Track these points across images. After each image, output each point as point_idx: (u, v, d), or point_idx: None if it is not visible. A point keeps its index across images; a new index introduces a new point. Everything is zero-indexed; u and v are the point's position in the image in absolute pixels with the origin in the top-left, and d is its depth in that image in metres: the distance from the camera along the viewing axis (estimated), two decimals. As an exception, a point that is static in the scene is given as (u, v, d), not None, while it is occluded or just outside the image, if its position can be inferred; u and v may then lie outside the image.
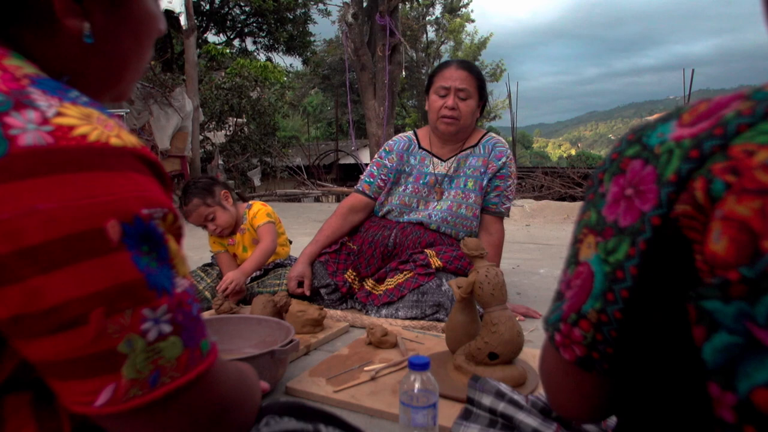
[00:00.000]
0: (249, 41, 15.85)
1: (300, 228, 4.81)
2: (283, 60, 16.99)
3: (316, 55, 17.68)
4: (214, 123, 10.77)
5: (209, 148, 10.66)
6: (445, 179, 2.15)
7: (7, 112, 0.40)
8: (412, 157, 2.21)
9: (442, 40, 25.70)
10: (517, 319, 1.67)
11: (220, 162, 8.62)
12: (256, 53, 15.74)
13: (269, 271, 2.24)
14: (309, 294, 2.03)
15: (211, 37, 15.31)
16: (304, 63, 16.64)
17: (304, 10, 15.00)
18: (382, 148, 2.28)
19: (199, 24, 13.59)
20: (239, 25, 15.37)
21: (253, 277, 2.20)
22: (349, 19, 9.67)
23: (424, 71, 22.77)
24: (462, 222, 2.11)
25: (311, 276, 2.08)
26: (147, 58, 0.60)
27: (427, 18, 24.30)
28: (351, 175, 14.23)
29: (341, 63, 16.07)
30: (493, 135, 2.22)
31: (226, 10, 14.79)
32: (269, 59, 15.39)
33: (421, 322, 1.85)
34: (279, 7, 13.86)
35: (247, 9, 14.64)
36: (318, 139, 20.58)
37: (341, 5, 10.40)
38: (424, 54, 24.19)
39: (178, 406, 0.46)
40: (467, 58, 24.42)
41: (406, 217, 2.16)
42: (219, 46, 14.11)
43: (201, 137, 9.57)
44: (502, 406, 0.89)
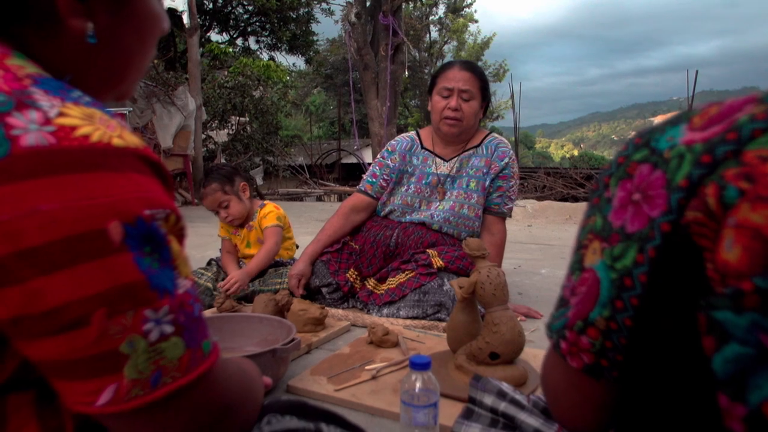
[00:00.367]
0: (252, 40, 15.87)
1: (302, 227, 4.81)
2: (286, 59, 17.04)
3: (318, 55, 17.69)
4: (216, 122, 10.78)
5: (212, 146, 10.68)
6: (448, 179, 2.15)
7: (9, 112, 0.40)
8: (415, 157, 2.21)
9: (445, 39, 25.69)
10: (519, 319, 1.67)
11: (223, 161, 8.63)
12: (258, 52, 15.76)
13: (269, 269, 2.26)
14: (302, 293, 2.04)
15: (214, 35, 15.34)
16: (307, 62, 16.65)
17: (307, 10, 15.01)
18: (385, 148, 2.28)
19: (202, 23, 13.61)
20: (242, 23, 15.38)
21: (255, 276, 2.21)
22: (352, 18, 9.67)
23: (426, 71, 22.76)
24: (464, 222, 2.11)
25: (309, 275, 2.08)
26: (150, 57, 0.60)
27: (430, 18, 24.29)
28: (353, 174, 14.23)
29: (344, 62, 16.07)
30: (495, 135, 2.21)
31: (229, 8, 14.80)
32: (272, 58, 15.41)
33: (423, 322, 1.85)
34: (282, 6, 13.87)
35: (250, 8, 14.65)
36: (320, 138, 20.60)
37: (344, 5, 10.40)
38: (427, 54, 24.18)
39: (179, 406, 0.46)
40: (470, 58, 24.42)
41: (408, 217, 2.16)
42: (222, 45, 14.13)
43: (203, 136, 9.59)
44: (503, 406, 0.89)
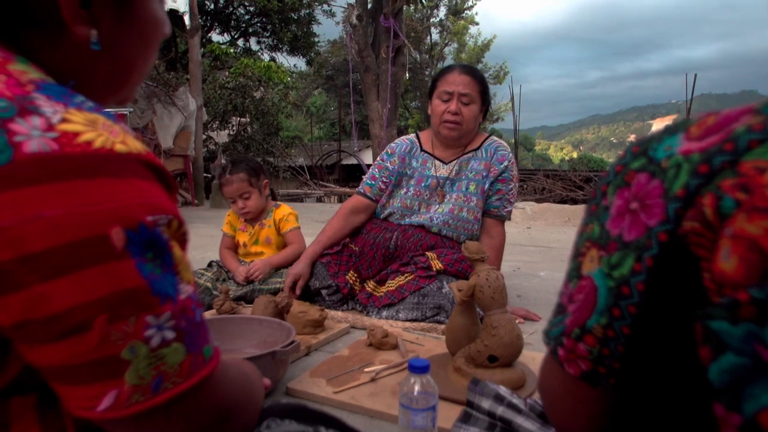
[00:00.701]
0: (253, 41, 15.89)
1: (302, 228, 4.80)
2: (287, 60, 17.07)
3: (320, 56, 17.71)
4: (217, 122, 10.79)
5: (212, 147, 10.68)
6: (447, 182, 2.16)
7: (12, 118, 0.40)
8: (414, 160, 2.21)
9: (446, 42, 25.72)
10: (517, 321, 1.67)
11: (223, 161, 8.62)
12: (260, 53, 15.78)
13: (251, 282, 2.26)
14: (300, 294, 2.04)
15: (215, 36, 15.37)
16: (308, 63, 16.66)
17: (308, 11, 15.04)
18: (384, 151, 2.29)
19: (204, 23, 13.62)
20: (243, 24, 15.40)
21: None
22: (354, 20, 9.68)
23: (427, 73, 22.78)
24: (463, 225, 2.11)
25: (308, 276, 2.08)
26: (152, 61, 0.60)
27: (431, 20, 24.32)
28: (353, 175, 14.24)
29: (345, 64, 16.09)
30: (495, 138, 2.22)
31: (231, 9, 14.83)
32: (273, 59, 15.43)
33: (422, 324, 1.85)
34: (283, 7, 13.89)
35: (251, 9, 14.68)
36: (321, 139, 20.61)
37: (346, 6, 10.42)
38: (427, 56, 24.20)
39: (180, 411, 0.46)
40: (471, 60, 24.47)
41: (407, 219, 2.16)
42: (223, 46, 14.15)
43: (204, 136, 9.59)
44: (501, 410, 0.89)
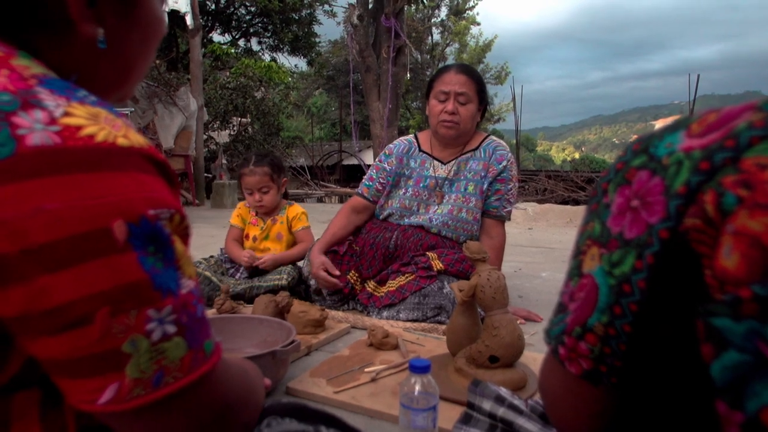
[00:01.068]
0: (254, 41, 15.90)
1: (302, 228, 4.80)
2: (288, 60, 17.09)
3: (320, 56, 17.72)
4: (218, 122, 10.79)
5: (213, 147, 10.68)
6: (446, 182, 2.15)
7: (15, 111, 0.40)
8: (413, 160, 2.21)
9: (447, 42, 25.72)
10: (519, 322, 1.67)
11: (224, 161, 8.62)
12: (260, 53, 15.79)
13: (258, 269, 2.29)
14: (338, 274, 2.04)
15: (216, 36, 15.38)
16: (309, 64, 16.67)
17: (309, 11, 15.04)
18: (383, 152, 2.29)
19: (205, 23, 13.63)
20: (244, 25, 15.41)
21: (255, 272, 2.29)
22: (355, 20, 9.68)
23: (428, 73, 22.76)
24: (463, 226, 2.11)
25: (329, 262, 2.08)
26: (151, 60, 0.61)
27: (432, 20, 24.33)
28: (354, 176, 14.23)
29: (346, 64, 16.09)
30: (493, 138, 2.22)
31: (232, 9, 14.84)
32: (274, 59, 15.43)
33: (422, 324, 1.85)
34: (284, 7, 13.90)
35: (252, 9, 14.69)
36: (322, 139, 20.63)
37: (347, 6, 10.42)
38: (428, 56, 24.21)
39: (181, 406, 0.46)
40: (472, 61, 24.47)
41: (406, 220, 2.16)
42: (224, 46, 14.16)
43: (205, 137, 9.60)
44: (502, 411, 0.89)
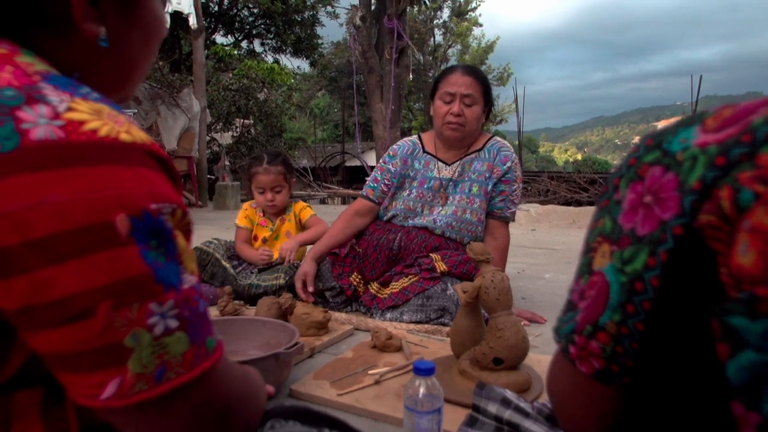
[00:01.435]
0: (257, 43, 15.94)
1: (305, 230, 4.80)
2: (291, 62, 17.14)
3: (323, 58, 17.75)
4: (221, 124, 10.80)
5: (216, 149, 10.69)
6: (450, 184, 2.15)
7: (19, 106, 0.41)
8: (417, 162, 2.20)
9: (450, 43, 25.72)
10: (522, 324, 1.66)
11: (227, 163, 8.64)
12: (263, 55, 15.82)
13: (273, 266, 2.29)
14: (312, 291, 2.04)
15: (219, 38, 15.42)
16: (312, 65, 16.71)
17: (312, 13, 15.07)
18: (387, 153, 2.29)
19: (208, 25, 13.66)
20: (247, 26, 15.44)
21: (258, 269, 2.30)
22: (357, 21, 9.69)
23: (431, 74, 22.78)
24: (467, 227, 2.10)
25: (314, 274, 2.08)
26: (152, 60, 0.62)
27: (434, 21, 24.34)
28: (357, 177, 14.23)
29: (348, 65, 16.11)
30: (498, 139, 2.21)
31: (235, 11, 14.87)
32: (277, 61, 15.46)
33: (426, 326, 1.84)
34: (287, 9, 13.92)
35: (255, 11, 14.72)
36: (324, 141, 20.64)
37: (349, 8, 10.43)
38: (431, 57, 24.21)
39: (183, 402, 0.46)
40: (474, 62, 24.46)
41: (410, 221, 2.15)
42: (227, 48, 14.18)
43: (208, 138, 9.61)
44: (508, 414, 0.88)
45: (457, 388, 1.28)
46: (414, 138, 2.28)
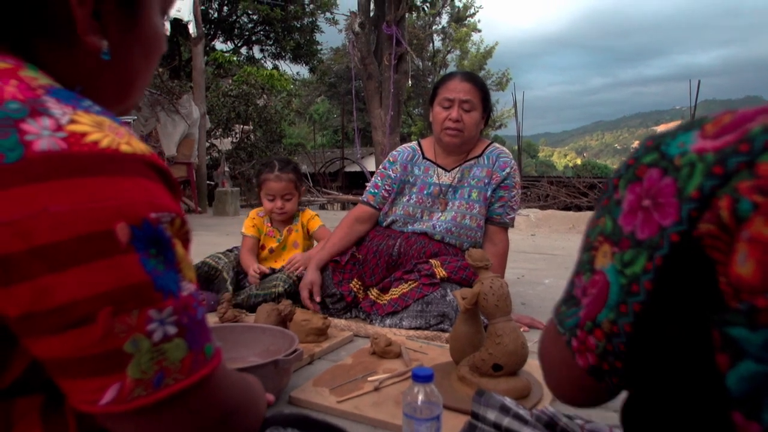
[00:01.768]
0: (256, 49, 15.98)
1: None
2: (290, 68, 17.13)
3: (322, 63, 17.80)
4: (220, 130, 10.82)
5: (215, 155, 10.71)
6: (450, 189, 2.15)
7: (24, 119, 0.42)
8: (417, 168, 2.21)
9: (449, 49, 25.81)
10: (522, 330, 1.66)
11: (226, 169, 8.63)
12: (263, 61, 15.87)
13: (273, 274, 2.27)
14: (320, 300, 2.04)
15: (218, 44, 15.46)
16: (311, 71, 16.75)
17: (311, 19, 15.12)
18: (387, 159, 2.29)
19: (207, 32, 13.70)
20: (247, 33, 15.49)
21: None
22: (356, 28, 9.72)
23: (430, 80, 22.84)
24: (466, 232, 2.11)
25: (320, 282, 2.08)
26: (152, 75, 0.63)
27: (433, 27, 24.42)
28: (356, 182, 14.24)
29: (348, 71, 16.15)
30: (497, 145, 2.22)
31: (234, 18, 14.92)
32: (276, 67, 15.50)
33: (425, 332, 1.84)
34: (286, 15, 13.98)
35: (254, 17, 14.77)
36: (324, 146, 20.66)
37: (348, 14, 10.46)
38: (430, 63, 24.27)
39: (181, 408, 0.47)
40: (473, 67, 24.54)
41: (410, 227, 2.16)
42: (226, 54, 14.22)
43: (207, 144, 9.62)
44: (507, 421, 0.88)
45: (456, 395, 1.28)
46: (414, 144, 2.29)
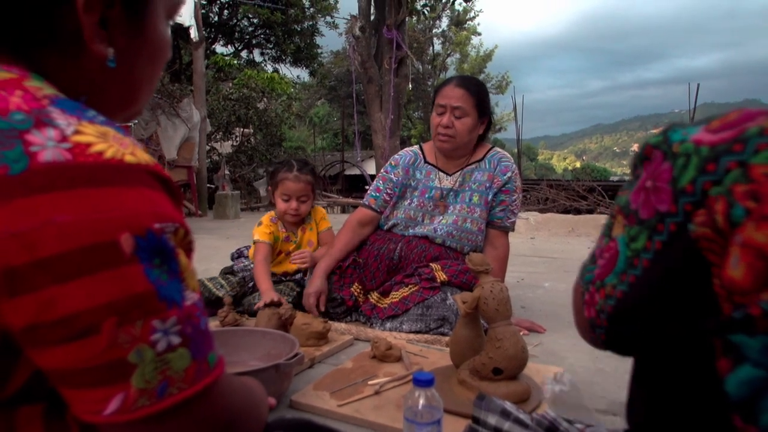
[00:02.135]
0: (256, 52, 16.01)
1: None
2: (290, 71, 17.20)
3: (323, 67, 17.82)
4: (221, 133, 10.82)
5: (216, 158, 10.71)
6: (450, 193, 2.16)
7: (29, 129, 0.42)
8: (418, 172, 2.21)
9: (449, 52, 25.85)
10: (522, 333, 1.66)
11: (227, 172, 8.64)
12: (263, 64, 15.89)
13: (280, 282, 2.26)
14: (324, 310, 2.01)
15: (219, 48, 15.48)
16: (311, 74, 16.77)
17: (311, 23, 15.14)
18: (388, 163, 2.29)
19: (208, 35, 13.72)
20: (247, 36, 15.52)
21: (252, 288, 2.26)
22: (356, 32, 9.73)
23: (430, 83, 22.88)
24: (467, 236, 2.11)
25: (327, 291, 2.06)
26: (157, 81, 0.64)
27: (433, 31, 24.47)
28: (356, 186, 14.24)
29: (348, 74, 16.18)
30: (498, 150, 2.22)
31: (235, 21, 14.95)
32: (276, 70, 15.52)
33: (426, 336, 1.85)
34: (287, 19, 14.00)
35: (255, 21, 14.79)
36: (324, 150, 20.68)
37: (348, 18, 10.48)
38: (430, 66, 24.32)
39: (185, 417, 0.47)
40: (473, 71, 24.57)
41: (411, 230, 2.16)
42: (227, 57, 14.23)
43: (208, 147, 9.62)
44: (507, 426, 0.88)
45: (456, 399, 1.28)
46: (415, 148, 2.30)
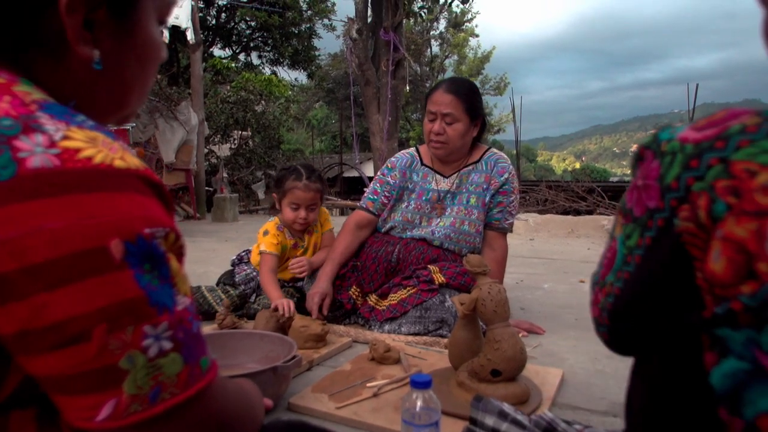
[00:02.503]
0: (254, 55, 16.03)
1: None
2: (288, 74, 17.19)
3: (320, 69, 17.85)
4: (219, 136, 10.83)
5: (214, 161, 10.71)
6: (448, 195, 2.16)
7: (17, 135, 0.42)
8: (415, 174, 2.21)
9: (446, 54, 25.91)
10: (521, 335, 1.66)
11: (225, 175, 8.65)
12: (261, 67, 15.91)
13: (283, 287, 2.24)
14: (327, 313, 1.99)
15: (216, 51, 15.51)
16: (309, 77, 16.79)
17: (309, 26, 15.17)
18: (385, 165, 2.28)
19: (205, 38, 13.75)
20: (245, 39, 15.54)
21: (252, 291, 2.25)
22: (354, 34, 9.74)
23: (428, 85, 22.89)
24: (465, 238, 2.11)
25: (332, 294, 2.04)
26: (150, 83, 0.63)
27: (431, 32, 24.50)
28: (355, 188, 14.25)
29: (346, 77, 16.20)
30: (495, 151, 2.22)
31: (232, 24, 14.97)
32: (274, 73, 15.54)
33: (424, 338, 1.84)
34: (284, 22, 14.02)
35: (252, 24, 14.82)
36: (322, 152, 20.71)
37: (346, 20, 10.49)
38: (428, 68, 24.36)
39: (178, 422, 0.47)
40: (471, 72, 24.61)
41: (408, 233, 2.16)
42: (224, 60, 14.24)
43: (206, 150, 9.62)
44: (505, 427, 0.88)
45: (455, 400, 1.28)
46: (412, 150, 2.29)
